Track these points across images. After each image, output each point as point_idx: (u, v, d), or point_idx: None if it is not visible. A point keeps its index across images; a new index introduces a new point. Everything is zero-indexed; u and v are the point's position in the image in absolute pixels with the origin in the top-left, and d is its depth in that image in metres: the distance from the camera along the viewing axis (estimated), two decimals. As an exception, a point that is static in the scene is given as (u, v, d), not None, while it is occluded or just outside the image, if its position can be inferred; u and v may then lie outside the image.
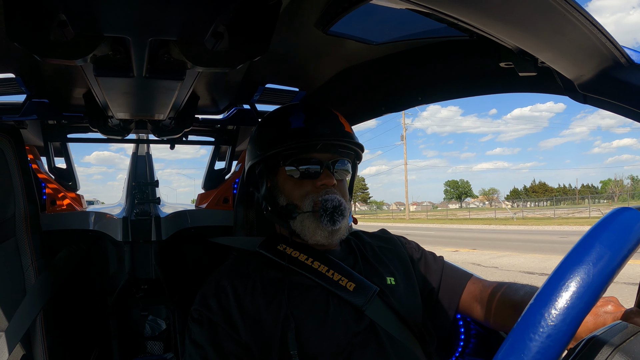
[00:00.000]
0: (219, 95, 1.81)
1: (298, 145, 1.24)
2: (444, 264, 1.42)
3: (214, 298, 1.17)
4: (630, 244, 0.50)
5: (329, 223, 1.21)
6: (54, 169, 2.31)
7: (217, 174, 2.56)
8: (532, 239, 18.08)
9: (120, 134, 1.84)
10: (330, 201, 1.22)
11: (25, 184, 1.66)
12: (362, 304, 1.17)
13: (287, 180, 1.28)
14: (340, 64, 1.51)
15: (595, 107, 0.92)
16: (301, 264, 1.24)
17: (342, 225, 1.24)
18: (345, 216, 1.24)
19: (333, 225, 1.21)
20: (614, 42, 0.77)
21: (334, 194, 1.24)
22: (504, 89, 1.26)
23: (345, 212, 1.24)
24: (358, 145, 1.32)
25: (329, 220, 1.21)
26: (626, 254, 0.50)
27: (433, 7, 0.68)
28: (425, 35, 1.24)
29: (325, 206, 1.21)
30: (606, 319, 0.92)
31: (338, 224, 1.22)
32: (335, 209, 1.21)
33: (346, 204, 1.25)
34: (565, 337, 0.46)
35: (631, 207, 0.54)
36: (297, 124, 1.27)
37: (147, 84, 1.16)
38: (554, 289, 0.49)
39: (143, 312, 2.15)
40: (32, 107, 1.73)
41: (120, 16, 0.83)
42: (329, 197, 1.23)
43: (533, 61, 0.92)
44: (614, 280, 0.50)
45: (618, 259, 0.49)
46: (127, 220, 2.01)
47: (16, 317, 1.52)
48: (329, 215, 1.21)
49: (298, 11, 1.10)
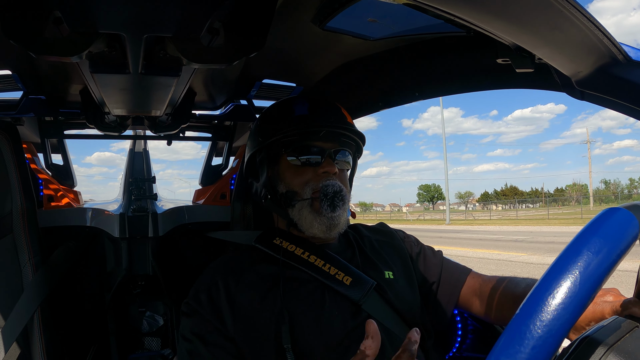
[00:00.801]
0: (216, 91, 1.81)
1: (301, 131, 1.24)
2: (443, 258, 1.41)
3: (205, 292, 1.17)
4: (620, 246, 0.50)
5: (329, 208, 1.20)
6: (51, 165, 2.30)
7: (214, 169, 2.56)
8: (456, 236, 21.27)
9: (117, 130, 1.83)
10: (331, 186, 1.21)
11: (22, 181, 1.65)
12: (359, 299, 1.17)
13: (288, 168, 1.27)
14: (338, 59, 1.50)
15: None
16: (297, 257, 1.23)
17: (342, 215, 1.23)
18: (346, 203, 1.23)
19: (333, 211, 1.20)
20: (612, 39, 0.77)
21: (335, 180, 1.24)
22: (501, 85, 1.26)
23: (345, 199, 1.23)
24: (360, 135, 1.33)
25: (329, 205, 1.20)
26: (617, 255, 0.50)
27: (430, 3, 0.67)
28: (422, 31, 1.24)
29: (325, 191, 1.20)
30: (605, 308, 0.93)
31: (338, 209, 1.21)
32: (336, 194, 1.21)
33: (347, 192, 1.25)
34: (557, 339, 0.46)
35: (620, 207, 0.53)
36: (301, 112, 1.28)
37: (143, 80, 1.16)
38: (549, 286, 0.49)
39: (140, 309, 2.15)
40: (29, 104, 1.73)
41: (116, 13, 0.83)
42: (329, 182, 1.22)
43: (530, 57, 0.92)
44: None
45: (610, 258, 0.49)
46: (124, 216, 2.01)
47: (13, 314, 1.52)
48: (329, 200, 1.20)
49: (295, 7, 1.10)
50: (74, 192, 2.40)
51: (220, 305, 1.14)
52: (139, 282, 2.12)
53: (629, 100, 0.84)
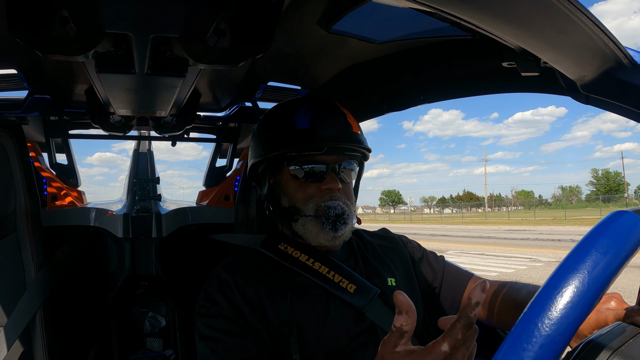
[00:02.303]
0: (221, 93, 1.81)
1: (303, 147, 1.21)
2: (445, 263, 1.41)
3: (219, 292, 1.16)
4: (628, 247, 0.50)
5: (332, 230, 1.18)
6: (55, 165, 2.31)
7: (219, 171, 2.56)
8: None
9: (122, 131, 1.84)
10: (334, 209, 1.19)
11: (26, 180, 1.66)
12: (363, 306, 1.16)
13: (290, 181, 1.24)
14: (343, 62, 1.50)
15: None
16: (302, 264, 1.23)
17: (346, 230, 1.22)
18: (348, 223, 1.21)
19: (335, 232, 1.19)
20: (617, 43, 0.77)
21: (338, 200, 1.21)
22: (506, 88, 1.26)
23: (348, 220, 1.21)
24: (365, 147, 1.28)
25: (332, 228, 1.18)
26: (624, 256, 0.50)
27: (436, 6, 0.67)
28: (428, 34, 1.24)
29: (327, 214, 1.18)
30: (608, 315, 0.92)
31: (340, 231, 1.19)
32: (338, 217, 1.18)
33: (350, 210, 1.22)
34: (565, 338, 0.46)
35: (628, 210, 0.53)
36: (303, 125, 1.22)
37: (148, 80, 1.16)
38: (558, 285, 0.48)
39: (143, 309, 2.15)
40: (34, 103, 1.74)
41: (122, 13, 0.83)
42: (332, 203, 1.19)
43: (535, 61, 0.91)
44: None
45: (618, 259, 0.49)
46: (127, 216, 2.02)
47: (16, 313, 1.53)
48: (331, 224, 1.18)
49: (300, 9, 1.10)
50: (78, 192, 2.41)
51: (236, 301, 1.14)
52: (142, 283, 2.12)
53: (634, 104, 0.84)
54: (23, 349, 1.53)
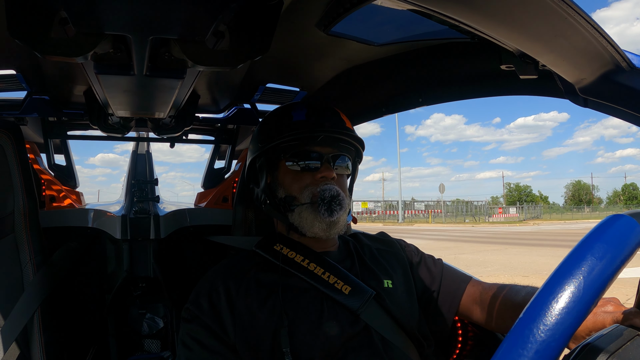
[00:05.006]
0: (220, 95, 1.81)
1: (299, 137, 1.25)
2: (443, 267, 1.41)
3: (206, 297, 1.17)
4: (624, 252, 0.50)
5: (327, 213, 1.20)
6: (54, 165, 2.31)
7: (217, 173, 2.56)
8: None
9: (121, 132, 1.84)
10: (328, 190, 1.21)
11: (25, 181, 1.66)
12: (358, 308, 1.17)
13: (287, 173, 1.28)
14: (341, 64, 1.51)
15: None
16: (297, 265, 1.23)
17: (340, 217, 1.23)
18: (344, 207, 1.23)
19: (330, 215, 1.20)
20: (615, 46, 0.77)
21: (333, 185, 1.24)
22: (505, 91, 1.26)
23: (343, 203, 1.23)
24: (358, 140, 1.32)
25: (327, 209, 1.20)
26: (621, 261, 0.50)
27: (434, 9, 0.68)
28: (427, 36, 1.24)
29: (322, 195, 1.21)
30: (605, 318, 0.92)
31: (335, 214, 1.21)
32: (333, 199, 1.21)
33: (344, 196, 1.25)
34: (560, 344, 0.46)
35: (624, 214, 0.53)
36: (299, 117, 1.28)
37: (147, 82, 1.16)
38: (553, 290, 0.48)
39: (141, 310, 2.15)
40: (33, 104, 1.73)
41: (121, 14, 0.83)
42: (326, 187, 1.22)
43: (534, 64, 0.92)
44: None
45: (614, 264, 0.49)
46: (126, 218, 2.01)
47: (13, 314, 1.52)
48: (326, 205, 1.20)
49: (299, 11, 1.10)
50: (76, 193, 2.40)
51: (221, 311, 1.15)
52: (140, 284, 2.11)
53: (632, 107, 0.84)
54: (20, 350, 1.53)
